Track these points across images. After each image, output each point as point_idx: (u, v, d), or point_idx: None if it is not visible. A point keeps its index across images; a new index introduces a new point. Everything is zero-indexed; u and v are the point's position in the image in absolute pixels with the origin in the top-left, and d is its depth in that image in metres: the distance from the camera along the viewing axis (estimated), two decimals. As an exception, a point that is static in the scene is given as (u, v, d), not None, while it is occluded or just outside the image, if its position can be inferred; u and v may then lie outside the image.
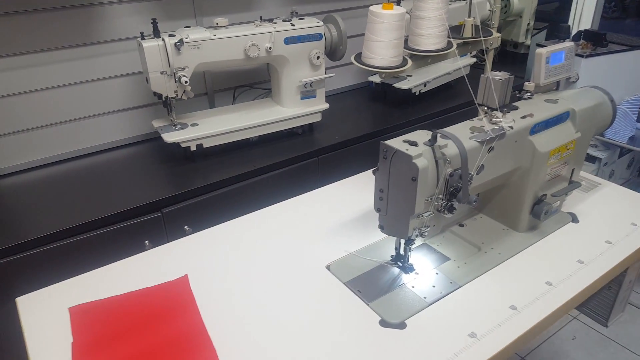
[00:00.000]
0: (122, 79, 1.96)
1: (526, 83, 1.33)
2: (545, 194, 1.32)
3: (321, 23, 1.94)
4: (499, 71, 1.21)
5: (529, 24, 3.00)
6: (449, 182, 1.07)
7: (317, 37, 1.93)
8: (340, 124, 2.20)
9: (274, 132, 2.01)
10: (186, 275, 1.21)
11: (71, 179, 1.83)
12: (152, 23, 1.70)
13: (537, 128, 1.24)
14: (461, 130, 1.14)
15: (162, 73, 1.72)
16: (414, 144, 1.04)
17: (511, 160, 1.22)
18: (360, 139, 2.08)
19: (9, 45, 1.71)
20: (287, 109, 2.02)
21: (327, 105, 2.09)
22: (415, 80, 2.34)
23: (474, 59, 2.71)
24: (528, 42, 3.03)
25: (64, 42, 1.81)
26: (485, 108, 1.20)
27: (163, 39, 1.69)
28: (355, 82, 2.62)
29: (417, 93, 2.35)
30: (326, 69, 2.03)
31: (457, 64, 2.51)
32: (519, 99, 1.34)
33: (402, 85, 2.30)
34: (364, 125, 2.19)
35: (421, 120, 2.27)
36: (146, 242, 1.64)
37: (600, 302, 1.47)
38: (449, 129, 1.13)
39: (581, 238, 1.33)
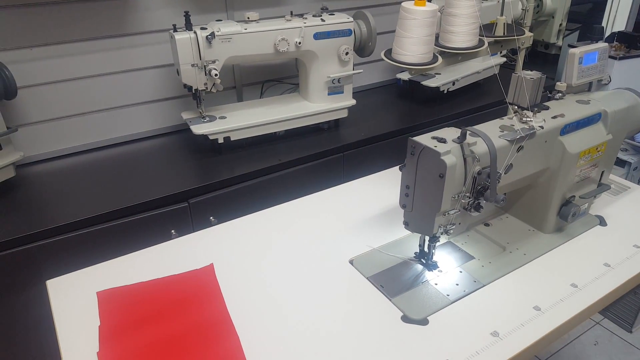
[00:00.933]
0: (153, 70, 2.00)
1: (558, 83, 1.32)
2: (574, 196, 1.31)
3: (351, 19, 1.94)
4: (530, 71, 1.20)
5: (561, 24, 2.95)
6: (477, 180, 1.07)
7: (346, 33, 1.93)
8: (366, 120, 2.20)
9: (300, 127, 2.02)
10: (212, 264, 1.23)
11: (101, 168, 1.87)
12: (184, 16, 1.72)
13: (567, 129, 1.22)
14: (491, 129, 1.13)
15: (192, 65, 1.74)
16: (442, 140, 1.03)
17: (540, 160, 1.21)
18: (386, 136, 2.08)
19: (44, 34, 1.75)
20: (314, 104, 2.04)
21: (354, 102, 2.09)
22: (443, 79, 2.33)
23: (504, 59, 2.68)
24: (560, 42, 2.98)
25: (97, 33, 1.84)
26: (516, 107, 1.19)
27: (195, 32, 1.71)
28: (383, 79, 2.62)
29: (445, 91, 2.34)
30: (354, 65, 2.03)
31: (487, 63, 2.49)
32: (550, 99, 1.33)
33: (431, 83, 2.29)
34: (391, 123, 2.19)
35: (449, 118, 2.26)
36: (172, 231, 1.67)
37: (625, 307, 1.45)
38: (479, 127, 1.13)
39: (608, 241, 1.31)
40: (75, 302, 1.13)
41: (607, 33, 2.81)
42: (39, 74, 1.79)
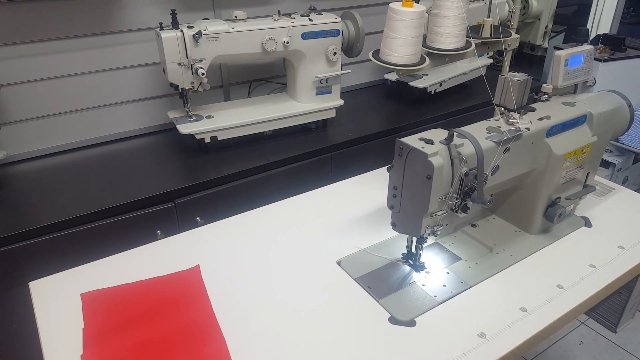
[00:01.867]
0: (139, 69, 1.98)
1: (544, 85, 1.33)
2: (559, 197, 1.32)
3: (339, 19, 1.94)
4: (517, 72, 1.21)
5: (547, 26, 2.98)
6: (464, 182, 1.07)
7: (334, 33, 1.93)
8: (354, 120, 2.20)
9: (288, 127, 2.01)
10: (198, 265, 1.22)
11: (86, 167, 1.84)
12: (171, 14, 1.71)
13: (553, 130, 1.23)
14: (477, 130, 1.14)
15: (179, 64, 1.73)
16: (430, 142, 1.03)
17: (527, 161, 1.22)
18: (374, 136, 2.08)
19: (28, 31, 1.73)
20: (302, 104, 2.03)
21: (342, 102, 2.09)
22: (431, 79, 2.34)
23: (491, 60, 2.70)
24: (545, 44, 3.01)
25: (83, 31, 1.82)
26: (502, 109, 1.20)
27: (181, 30, 1.70)
28: (370, 79, 2.62)
29: (433, 92, 2.35)
30: (342, 65, 2.03)
31: (474, 64, 2.50)
32: (536, 100, 1.33)
33: (418, 84, 2.30)
34: (379, 123, 2.19)
35: (436, 119, 2.27)
36: (158, 231, 1.65)
37: (610, 307, 1.46)
38: (466, 129, 1.13)
39: (594, 242, 1.32)
40: (58, 304, 1.11)
41: (592, 35, 2.83)
42: (22, 72, 1.77)
